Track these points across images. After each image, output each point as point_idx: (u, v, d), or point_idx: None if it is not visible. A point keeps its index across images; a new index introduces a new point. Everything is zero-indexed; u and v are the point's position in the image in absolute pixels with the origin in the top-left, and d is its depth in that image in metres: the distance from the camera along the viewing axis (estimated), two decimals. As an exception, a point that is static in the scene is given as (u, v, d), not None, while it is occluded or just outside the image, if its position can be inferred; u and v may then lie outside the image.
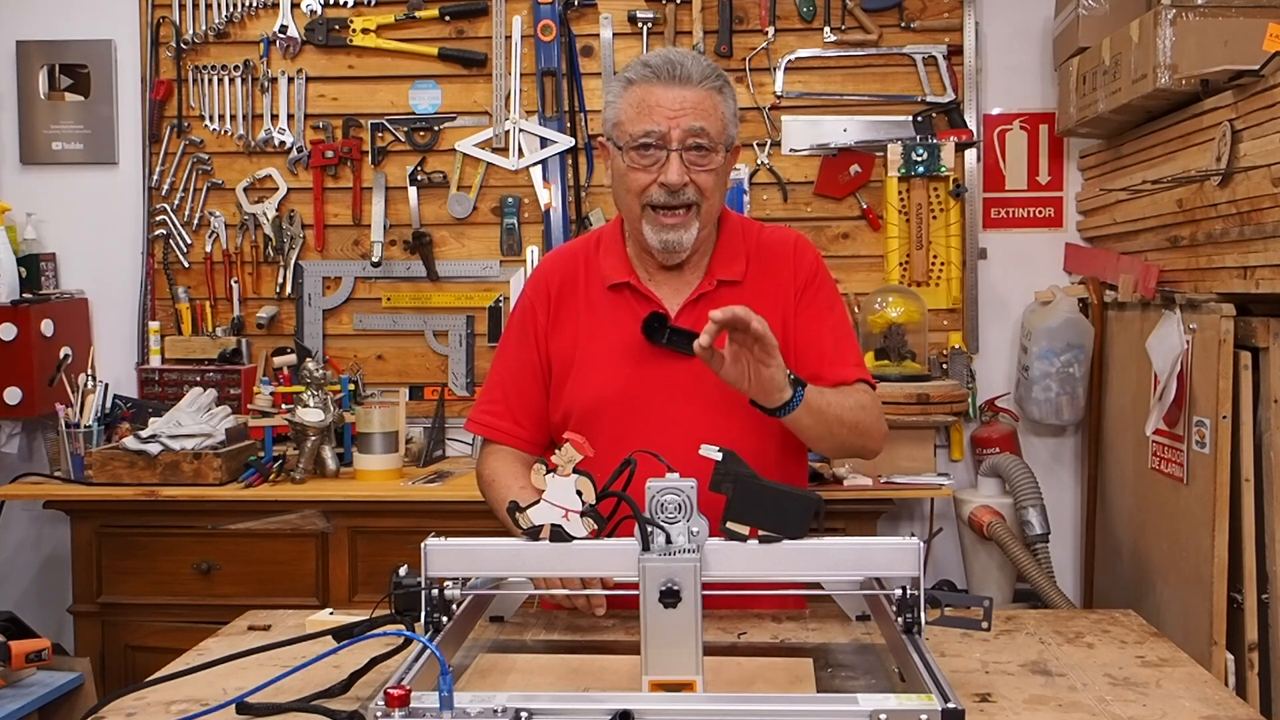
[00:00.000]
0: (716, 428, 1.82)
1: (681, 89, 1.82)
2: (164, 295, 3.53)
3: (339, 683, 1.48)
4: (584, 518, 1.49)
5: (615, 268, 1.96)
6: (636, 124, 1.83)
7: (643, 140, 1.83)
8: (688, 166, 1.82)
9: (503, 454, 2.00)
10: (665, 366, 1.89)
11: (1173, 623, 2.62)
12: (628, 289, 1.95)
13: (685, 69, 1.83)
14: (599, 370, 1.92)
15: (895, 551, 1.51)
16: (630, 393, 1.90)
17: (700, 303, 1.92)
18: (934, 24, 3.37)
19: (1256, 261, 2.32)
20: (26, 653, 2.15)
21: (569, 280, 1.99)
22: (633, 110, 1.84)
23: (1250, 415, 2.42)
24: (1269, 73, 2.24)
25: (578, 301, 1.98)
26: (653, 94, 1.83)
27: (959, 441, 3.40)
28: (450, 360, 3.49)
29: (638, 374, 1.90)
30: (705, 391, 1.86)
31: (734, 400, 1.83)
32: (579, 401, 1.93)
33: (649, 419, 1.87)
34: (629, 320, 1.92)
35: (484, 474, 1.99)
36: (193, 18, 3.49)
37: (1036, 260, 3.41)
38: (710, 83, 1.85)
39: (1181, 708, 1.43)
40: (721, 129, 1.85)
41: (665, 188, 1.83)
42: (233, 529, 2.96)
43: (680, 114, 1.81)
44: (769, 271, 1.96)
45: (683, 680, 1.40)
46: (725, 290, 1.93)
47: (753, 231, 2.01)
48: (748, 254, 1.97)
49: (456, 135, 3.46)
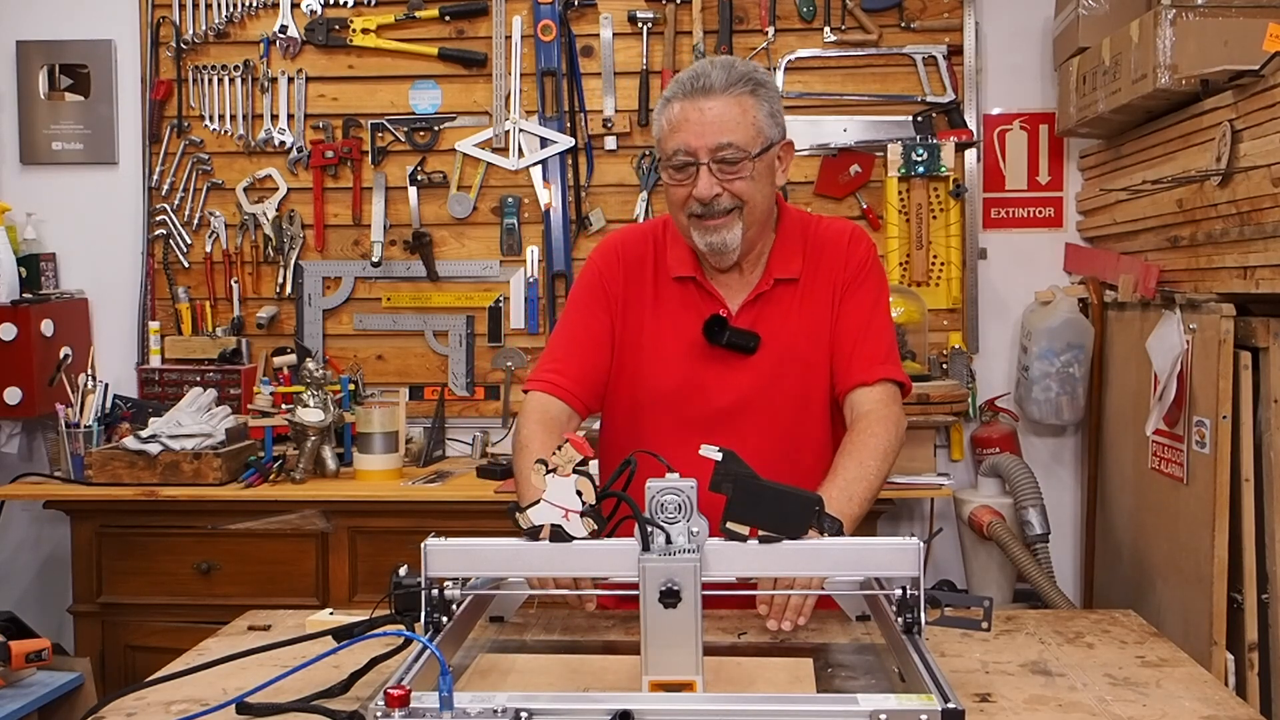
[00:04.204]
0: (769, 425, 1.94)
1: (706, 101, 1.85)
2: (164, 295, 3.53)
3: (339, 683, 1.48)
4: (584, 518, 1.49)
5: (681, 260, 2.00)
6: (669, 142, 1.88)
7: (674, 159, 1.87)
8: (719, 178, 1.86)
9: (547, 414, 1.96)
10: (725, 365, 1.95)
11: (1173, 623, 2.62)
12: (693, 284, 1.99)
13: (709, 80, 1.85)
14: (662, 362, 1.97)
15: (895, 551, 1.51)
16: (691, 389, 1.96)
17: (759, 302, 1.98)
18: (934, 24, 3.37)
19: (1256, 261, 2.32)
20: (26, 653, 2.15)
21: (640, 260, 2.03)
22: (667, 128, 1.89)
23: (1250, 415, 2.42)
24: (1269, 73, 2.24)
25: (646, 285, 2.02)
26: (682, 111, 1.86)
27: (959, 441, 3.40)
28: (450, 360, 3.49)
29: (699, 371, 1.96)
30: (761, 389, 1.95)
31: (787, 399, 1.95)
32: (640, 390, 1.98)
33: (710, 413, 1.94)
34: (693, 315, 1.97)
35: (521, 434, 1.95)
36: (193, 18, 3.49)
37: (1036, 260, 3.41)
38: (738, 88, 1.86)
39: (1181, 708, 1.43)
40: (754, 135, 1.86)
41: (699, 201, 1.87)
42: (233, 529, 2.96)
43: (705, 129, 1.84)
44: (823, 266, 2.00)
45: (683, 680, 1.40)
46: (783, 288, 1.98)
47: (811, 226, 2.04)
48: (804, 250, 2.00)
49: (456, 135, 3.46)
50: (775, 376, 1.95)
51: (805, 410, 1.97)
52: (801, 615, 1.70)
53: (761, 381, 1.95)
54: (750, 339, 1.94)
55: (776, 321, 1.97)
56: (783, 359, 1.96)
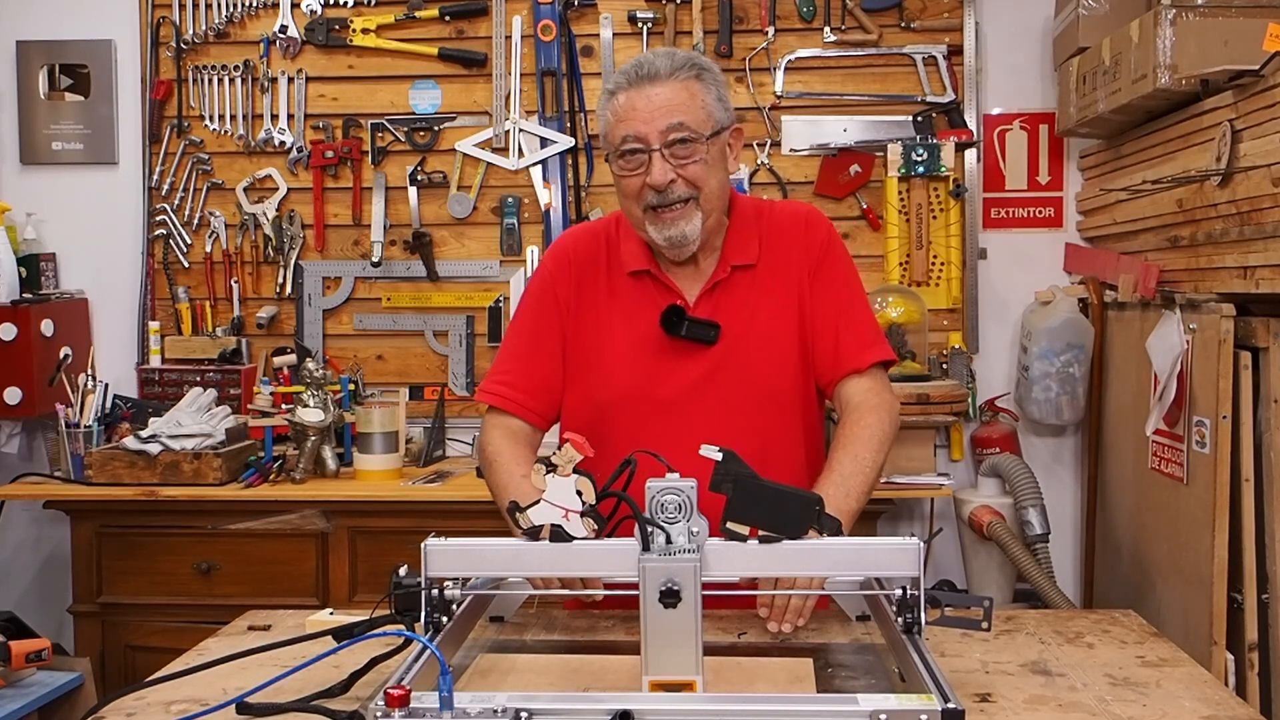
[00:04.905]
0: (737, 415, 1.89)
1: (652, 87, 1.83)
2: (164, 295, 3.54)
3: (339, 683, 1.48)
4: (584, 518, 1.49)
5: (635, 255, 1.96)
6: (617, 131, 1.86)
7: (624, 147, 1.84)
8: (673, 164, 1.83)
9: (509, 430, 1.97)
10: (687, 357, 1.91)
11: (1173, 623, 2.62)
12: (648, 277, 1.96)
13: (654, 67, 1.84)
14: (622, 361, 1.93)
15: (895, 551, 1.51)
16: (654, 384, 1.91)
17: (716, 290, 1.94)
18: (934, 24, 3.37)
19: (1256, 261, 2.32)
20: (26, 653, 2.15)
21: (592, 259, 2.00)
22: (613, 119, 1.86)
23: (1250, 415, 2.41)
24: (1269, 73, 2.24)
25: (600, 283, 1.98)
26: (628, 99, 1.84)
27: (959, 441, 3.40)
28: (450, 360, 3.49)
29: (661, 365, 1.92)
30: (726, 379, 1.90)
31: (753, 387, 1.90)
32: (604, 392, 1.94)
33: (673, 409, 1.90)
34: (650, 310, 1.93)
35: (487, 451, 1.97)
36: (193, 18, 3.49)
37: (1036, 260, 3.41)
38: (683, 73, 1.84)
39: (1181, 708, 1.43)
40: (704, 117, 1.84)
41: (653, 189, 1.83)
42: (233, 529, 2.96)
43: (654, 114, 1.82)
44: (781, 250, 1.97)
45: (683, 680, 1.40)
46: (740, 275, 1.94)
47: (765, 211, 2.01)
48: (760, 235, 1.97)
49: (456, 135, 3.46)
50: (739, 365, 1.91)
51: (773, 399, 1.92)
52: (801, 616, 1.70)
53: (725, 372, 1.90)
54: (710, 329, 1.90)
55: (736, 309, 1.93)
56: (746, 347, 1.92)
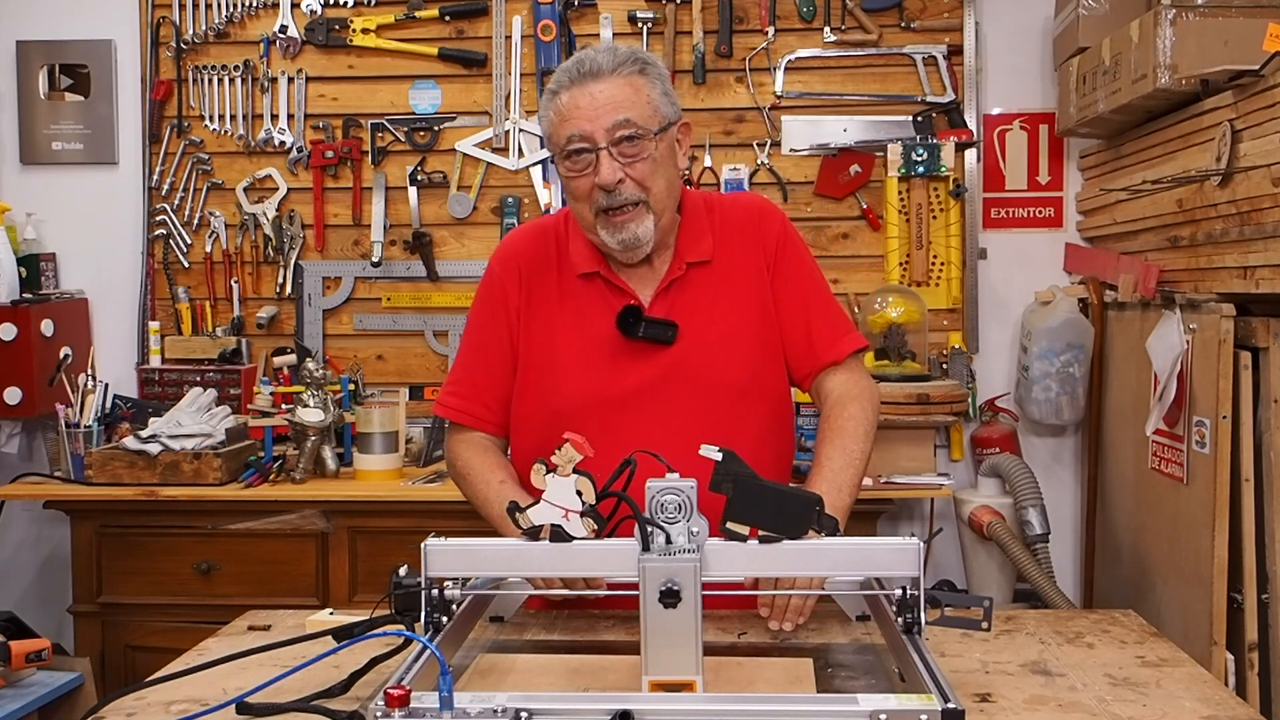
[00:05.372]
0: (700, 415, 1.83)
1: (595, 84, 1.78)
2: (164, 295, 3.54)
3: (339, 683, 1.48)
4: (584, 518, 1.49)
5: (584, 256, 1.90)
6: (561, 131, 1.79)
7: (570, 147, 1.79)
8: (621, 162, 1.78)
9: (473, 442, 1.95)
10: (644, 358, 1.86)
11: (1173, 623, 2.62)
12: (599, 279, 1.90)
13: (595, 63, 1.80)
14: (579, 367, 1.88)
15: (895, 551, 1.51)
16: (612, 388, 1.86)
17: (672, 289, 1.89)
18: (934, 24, 3.37)
19: (1256, 261, 2.32)
20: (26, 653, 2.15)
21: (540, 260, 1.93)
22: (556, 118, 1.81)
23: (1250, 415, 2.42)
24: (1269, 73, 2.24)
25: (550, 286, 1.92)
26: (570, 98, 1.79)
27: (959, 441, 3.40)
28: (450, 360, 3.49)
29: (618, 368, 1.86)
30: (686, 379, 1.85)
31: (714, 386, 1.85)
32: (558, 398, 1.88)
33: (633, 413, 1.84)
34: (603, 311, 1.87)
35: (457, 465, 1.94)
36: (193, 18, 3.49)
37: (1036, 260, 3.41)
38: (626, 68, 1.80)
39: (1181, 708, 1.43)
40: (650, 112, 1.80)
41: (602, 189, 1.79)
42: (233, 529, 2.96)
43: (599, 111, 1.77)
44: (736, 245, 1.92)
45: (683, 680, 1.40)
46: (696, 272, 1.89)
47: (715, 205, 1.96)
48: (714, 230, 1.93)
49: (456, 135, 3.46)
50: (699, 365, 1.85)
51: (733, 397, 1.86)
52: (802, 615, 1.70)
53: (685, 372, 1.84)
54: (668, 328, 1.84)
55: (693, 307, 1.87)
56: (704, 345, 1.86)
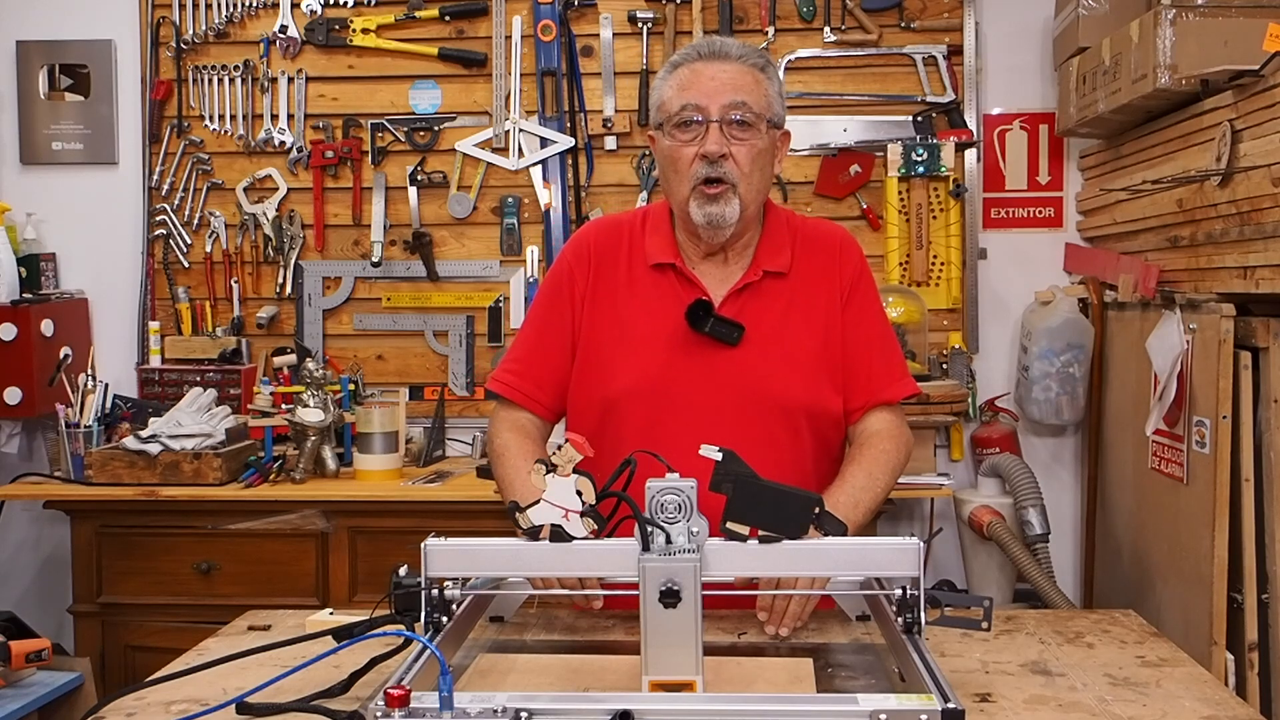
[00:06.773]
0: (749, 424, 1.85)
1: (720, 64, 1.85)
2: (164, 295, 3.54)
3: (339, 683, 1.48)
4: (584, 518, 1.49)
5: (661, 248, 1.93)
6: (676, 100, 1.85)
7: (681, 116, 1.84)
8: (728, 139, 1.83)
9: (518, 424, 1.97)
10: (705, 355, 1.88)
11: (1173, 623, 2.62)
12: (672, 271, 1.92)
13: (725, 47, 1.87)
14: (639, 355, 1.90)
15: (895, 551, 1.51)
16: (668, 379, 1.88)
17: (745, 293, 1.91)
18: (934, 24, 3.37)
19: (1256, 261, 2.32)
20: (26, 653, 2.15)
21: (611, 251, 1.96)
22: (676, 88, 1.86)
23: (1250, 415, 2.42)
24: (1269, 73, 2.24)
25: (619, 276, 1.95)
26: (693, 71, 1.85)
27: (959, 441, 3.40)
28: (450, 360, 3.49)
29: (675, 362, 1.88)
30: (743, 385, 1.87)
31: (769, 397, 1.87)
32: (616, 385, 1.90)
33: (685, 406, 1.86)
34: (672, 304, 1.89)
35: (495, 443, 1.96)
36: (193, 18, 3.49)
37: (1036, 260, 3.41)
38: (751, 59, 1.86)
39: (1181, 708, 1.43)
40: (765, 105, 1.85)
41: (705, 158, 1.82)
42: (233, 529, 2.96)
43: (719, 88, 1.83)
44: (814, 266, 1.95)
45: (683, 680, 1.40)
46: (770, 282, 1.92)
47: (797, 224, 2.00)
48: (793, 246, 1.95)
49: (456, 135, 3.46)
50: (757, 372, 1.87)
51: (787, 411, 1.88)
52: (799, 621, 1.70)
53: (743, 378, 1.86)
54: (734, 329, 1.86)
55: (762, 315, 1.89)
56: (767, 355, 1.88)
